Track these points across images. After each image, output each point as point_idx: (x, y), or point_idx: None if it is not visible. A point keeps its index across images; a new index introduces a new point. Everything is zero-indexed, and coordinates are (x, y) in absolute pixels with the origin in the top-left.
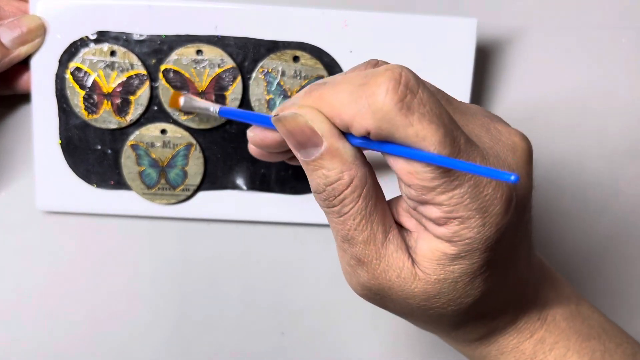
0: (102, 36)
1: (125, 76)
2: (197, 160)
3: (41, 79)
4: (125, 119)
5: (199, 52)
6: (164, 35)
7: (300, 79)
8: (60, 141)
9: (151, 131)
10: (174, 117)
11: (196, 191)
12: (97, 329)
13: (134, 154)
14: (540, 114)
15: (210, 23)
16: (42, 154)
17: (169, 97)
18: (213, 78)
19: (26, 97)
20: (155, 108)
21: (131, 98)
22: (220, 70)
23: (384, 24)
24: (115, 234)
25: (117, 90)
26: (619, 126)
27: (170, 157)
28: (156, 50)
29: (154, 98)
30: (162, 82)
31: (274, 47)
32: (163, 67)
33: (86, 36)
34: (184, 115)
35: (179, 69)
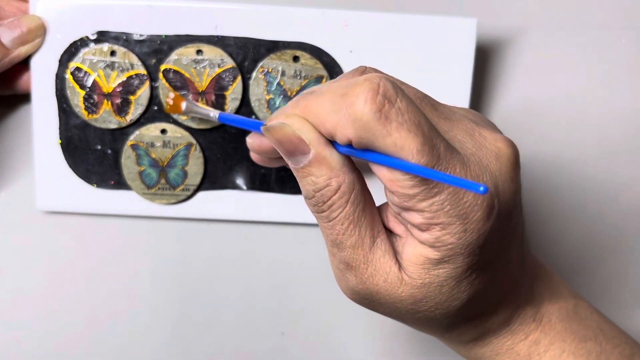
0: (102, 36)
1: (125, 76)
2: (197, 160)
3: (41, 79)
4: (125, 118)
5: (199, 52)
6: (164, 35)
7: (300, 78)
8: (60, 141)
9: (151, 131)
10: (173, 117)
11: (196, 191)
12: (97, 329)
13: (134, 153)
14: (540, 113)
15: (211, 23)
16: (42, 154)
17: (170, 102)
18: (213, 78)
19: (26, 97)
20: (155, 108)
21: (131, 98)
22: (220, 70)
23: (384, 24)
24: (115, 234)
25: (117, 90)
26: (619, 126)
27: (170, 157)
28: (156, 50)
29: (154, 98)
30: (162, 82)
31: (274, 47)
32: (163, 67)
33: (86, 36)
34: (184, 115)
35: (179, 69)
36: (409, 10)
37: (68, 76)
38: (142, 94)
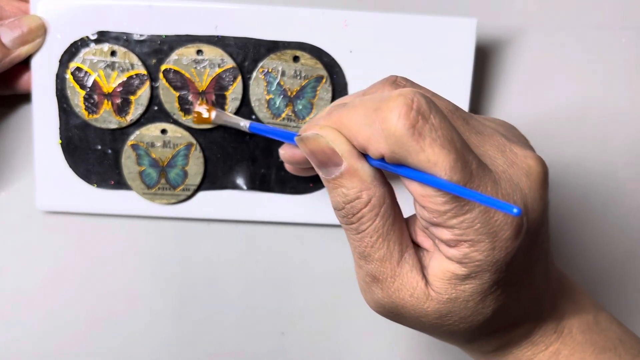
0: (103, 36)
1: (125, 76)
2: (197, 160)
3: (42, 79)
4: (125, 118)
5: (199, 52)
6: (164, 35)
7: (300, 78)
8: (60, 141)
9: (151, 131)
10: (174, 117)
11: (196, 191)
12: (97, 328)
13: (134, 153)
14: (540, 113)
15: (211, 23)
16: (42, 153)
17: (204, 114)
18: (213, 78)
19: (27, 97)
20: (156, 108)
21: (131, 98)
22: (220, 70)
23: (384, 24)
24: (115, 234)
25: (118, 90)
26: (619, 126)
27: (170, 157)
28: (156, 50)
29: (154, 98)
30: (162, 82)
31: (274, 47)
32: (163, 67)
33: (86, 36)
34: (184, 114)
35: (179, 69)
36: (409, 10)
37: (68, 76)
38: (143, 94)
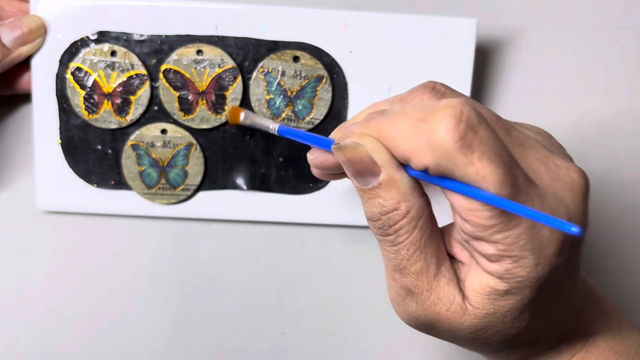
0: (103, 36)
1: (125, 76)
2: (197, 160)
3: (42, 79)
4: (125, 118)
5: (199, 52)
6: (165, 35)
7: (300, 79)
8: (60, 141)
9: (151, 131)
10: (174, 117)
11: (196, 191)
12: (97, 328)
13: (134, 153)
14: (540, 113)
15: (211, 23)
16: (42, 153)
17: (229, 112)
18: (213, 78)
19: (27, 97)
20: (156, 108)
21: (131, 98)
22: (220, 70)
23: (384, 24)
24: (115, 234)
25: (118, 90)
26: (618, 125)
27: (170, 156)
28: (156, 50)
29: (154, 98)
30: (162, 82)
31: (274, 47)
32: (163, 67)
33: (87, 36)
34: (184, 114)
35: (179, 69)
36: (408, 10)
37: (68, 76)
38: (143, 94)
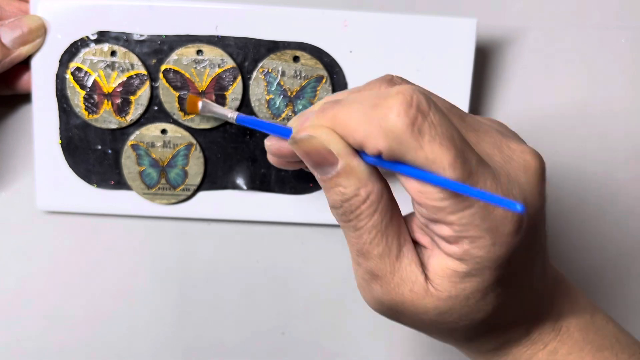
0: (103, 36)
1: (125, 76)
2: (197, 160)
3: (42, 79)
4: (125, 118)
5: (199, 52)
6: (164, 36)
7: (300, 79)
8: (60, 141)
9: (151, 131)
10: (174, 117)
11: (196, 191)
12: (97, 328)
13: (134, 153)
14: (539, 114)
15: (211, 23)
16: (42, 153)
17: (185, 102)
18: (213, 78)
19: (27, 97)
20: (156, 108)
21: (131, 98)
22: (220, 70)
23: (384, 24)
24: (115, 234)
25: (118, 90)
26: (618, 125)
27: (170, 157)
28: (156, 50)
29: (154, 98)
30: (162, 82)
31: (274, 47)
32: (163, 67)
33: (87, 36)
34: (184, 115)
35: (179, 69)
36: (408, 10)
37: (68, 76)
38: (143, 94)
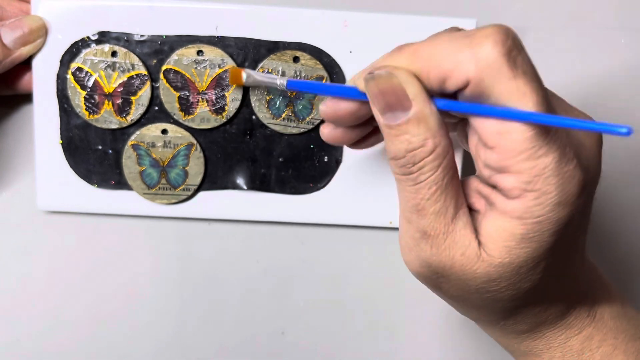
0: (103, 36)
1: (126, 76)
2: (197, 160)
3: (42, 79)
4: (126, 119)
5: (199, 52)
6: (165, 36)
7: (300, 79)
8: (61, 141)
9: (152, 131)
10: (174, 117)
11: (197, 191)
12: (97, 328)
13: (135, 153)
14: None
15: (211, 24)
16: (43, 153)
17: (228, 74)
18: (214, 78)
19: (27, 97)
20: (156, 108)
21: (132, 98)
22: (220, 71)
23: (384, 25)
24: (115, 234)
25: (118, 90)
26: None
27: (170, 157)
28: (157, 50)
29: (154, 98)
30: (163, 82)
31: (274, 47)
32: (164, 68)
33: (87, 36)
34: (185, 115)
35: (179, 70)
36: (409, 10)
37: (69, 76)
38: (143, 94)
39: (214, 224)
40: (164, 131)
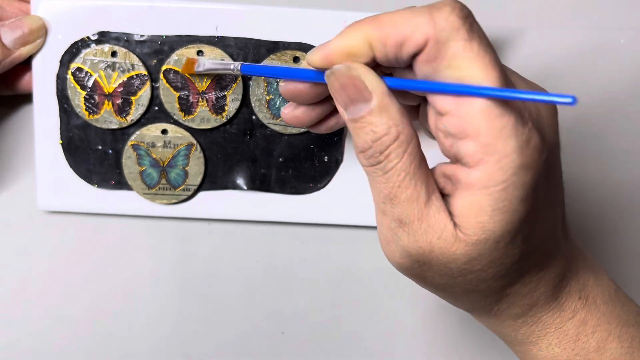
0: (103, 37)
1: (126, 76)
2: (197, 160)
3: (42, 79)
4: (126, 119)
5: (199, 52)
6: (165, 36)
7: None
8: (61, 141)
9: (152, 131)
10: (174, 117)
11: (197, 191)
12: (97, 328)
13: (135, 153)
14: None
15: (211, 24)
16: (43, 154)
17: (183, 65)
18: (213, 78)
19: (28, 97)
20: (156, 108)
21: (132, 98)
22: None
23: None
24: (115, 233)
25: (118, 90)
26: (618, 127)
27: (170, 157)
28: (157, 50)
29: (154, 98)
30: (163, 82)
31: (274, 47)
32: (164, 68)
33: (87, 37)
34: (185, 115)
35: (179, 70)
36: None
37: (69, 76)
38: (143, 94)
39: (214, 224)
40: (164, 131)
